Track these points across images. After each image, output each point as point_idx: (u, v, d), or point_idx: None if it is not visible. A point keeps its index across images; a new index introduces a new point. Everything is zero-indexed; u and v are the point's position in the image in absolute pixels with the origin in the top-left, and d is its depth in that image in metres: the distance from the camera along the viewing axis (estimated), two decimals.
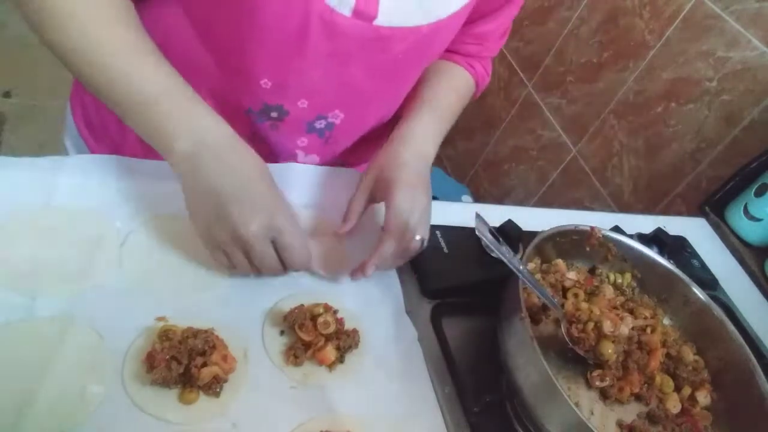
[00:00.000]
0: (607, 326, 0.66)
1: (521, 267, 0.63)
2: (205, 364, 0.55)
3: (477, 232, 0.65)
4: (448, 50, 0.83)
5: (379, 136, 0.87)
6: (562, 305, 0.70)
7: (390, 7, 0.65)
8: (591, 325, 0.67)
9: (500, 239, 0.65)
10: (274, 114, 0.76)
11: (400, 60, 0.73)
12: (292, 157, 0.83)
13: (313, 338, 0.61)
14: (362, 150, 0.89)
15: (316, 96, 0.75)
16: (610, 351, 0.65)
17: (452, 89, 0.85)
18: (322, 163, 0.86)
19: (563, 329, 0.67)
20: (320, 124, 0.80)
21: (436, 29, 0.71)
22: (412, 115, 0.78)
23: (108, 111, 0.64)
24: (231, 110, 0.77)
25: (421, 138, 0.76)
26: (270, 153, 0.81)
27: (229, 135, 0.62)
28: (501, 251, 0.63)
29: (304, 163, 0.84)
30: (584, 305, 0.70)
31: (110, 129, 0.82)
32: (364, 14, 0.65)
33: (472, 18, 0.79)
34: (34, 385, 0.51)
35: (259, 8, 0.63)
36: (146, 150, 0.72)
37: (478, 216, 0.67)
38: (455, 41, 0.80)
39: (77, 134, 0.86)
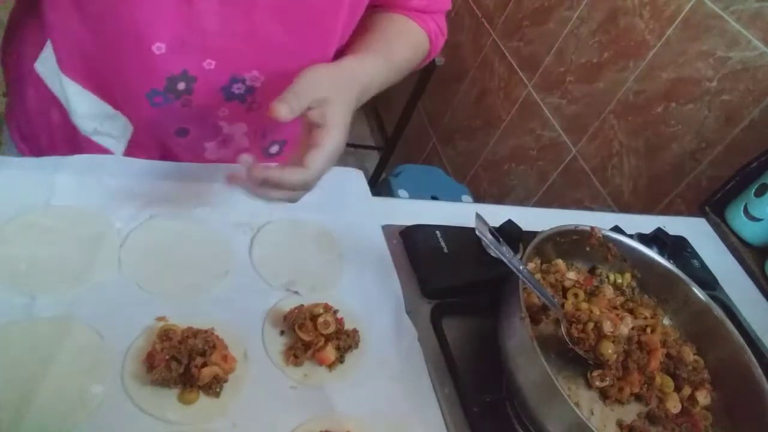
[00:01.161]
0: (607, 326, 0.66)
1: (521, 267, 0.63)
2: (205, 364, 0.55)
3: (477, 232, 0.65)
4: (393, 4, 0.78)
5: None
6: (562, 305, 0.70)
7: None
8: (591, 325, 0.67)
9: (500, 239, 0.65)
10: (181, 86, 0.69)
11: (318, 8, 0.67)
12: (217, 131, 0.77)
13: (313, 338, 0.61)
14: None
15: (222, 53, 0.68)
16: (610, 351, 0.65)
17: (404, 41, 0.79)
18: (251, 132, 0.79)
19: (563, 329, 0.67)
20: (239, 89, 0.73)
21: None
22: (360, 52, 0.71)
23: (39, 123, 0.61)
24: (132, 100, 0.72)
25: (364, 74, 0.69)
26: (192, 136, 0.76)
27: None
28: (501, 251, 0.63)
29: (230, 132, 0.77)
30: (584, 305, 0.70)
31: (41, 139, 0.80)
32: None
33: None
34: (34, 385, 0.51)
35: None
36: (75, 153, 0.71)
37: (478, 216, 0.67)
38: None
39: (15, 149, 0.84)
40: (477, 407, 0.64)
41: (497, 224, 0.81)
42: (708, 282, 0.94)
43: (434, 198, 1.79)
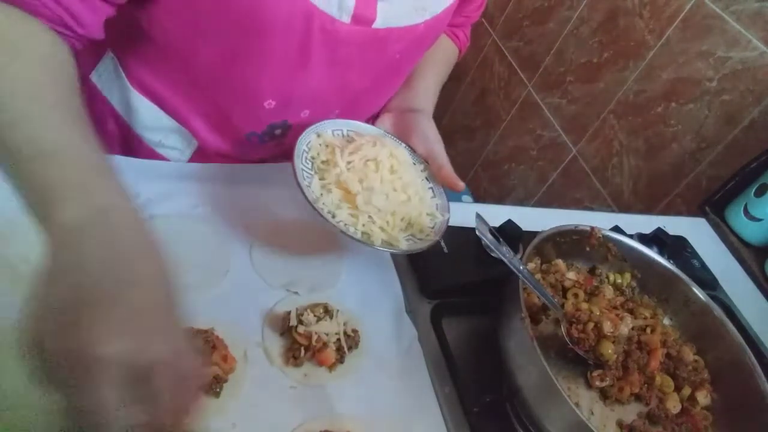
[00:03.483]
0: (607, 326, 0.66)
1: (521, 267, 0.63)
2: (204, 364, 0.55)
3: (477, 232, 0.65)
4: None
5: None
6: (562, 305, 0.70)
7: (387, 10, 0.66)
8: (591, 325, 0.67)
9: (500, 239, 0.65)
10: (278, 131, 0.77)
11: (396, 59, 0.74)
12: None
13: (312, 341, 0.61)
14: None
15: (317, 104, 0.75)
16: (610, 351, 0.65)
17: (442, 59, 0.92)
18: None
19: (563, 329, 0.66)
20: None
21: (431, 25, 0.72)
22: (416, 79, 0.86)
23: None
24: (230, 138, 0.78)
25: (425, 94, 0.86)
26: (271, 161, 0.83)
27: (132, 223, 0.46)
28: (501, 251, 0.63)
29: None
30: (584, 305, 0.70)
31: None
32: (362, 19, 0.65)
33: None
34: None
35: (263, 30, 0.63)
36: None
37: (478, 216, 0.67)
38: None
39: None
40: (477, 407, 0.64)
41: (497, 224, 0.81)
42: (708, 282, 0.94)
43: None
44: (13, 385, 0.52)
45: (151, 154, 0.80)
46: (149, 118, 0.77)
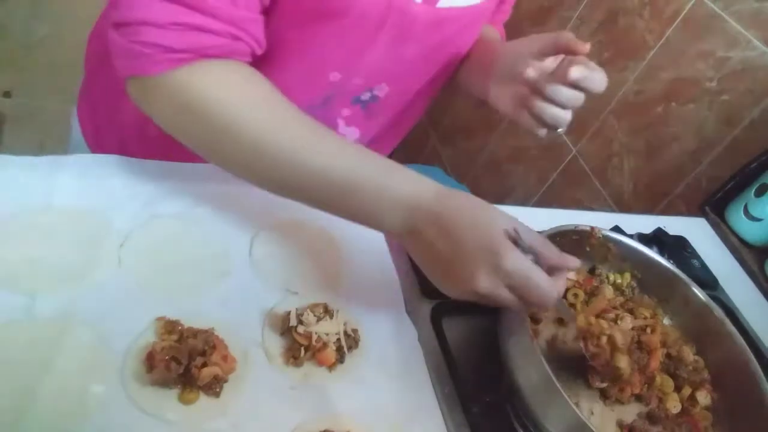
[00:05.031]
0: (620, 339, 0.66)
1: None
2: (205, 364, 0.55)
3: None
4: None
5: (409, 120, 0.91)
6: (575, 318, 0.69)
7: None
8: (605, 338, 0.67)
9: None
10: (328, 95, 0.77)
11: (450, 39, 0.76)
12: (333, 128, 0.82)
13: (312, 341, 0.61)
14: (393, 133, 0.91)
15: (371, 74, 0.76)
16: (624, 364, 0.65)
17: (497, 38, 0.91)
18: (360, 139, 0.87)
19: (582, 346, 0.66)
20: (365, 96, 0.81)
21: (488, 5, 0.75)
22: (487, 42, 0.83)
23: (132, 133, 0.64)
24: None
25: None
26: None
27: (431, 194, 0.58)
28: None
29: (343, 133, 0.84)
30: (593, 320, 0.70)
31: (129, 148, 0.81)
32: None
33: None
34: (34, 385, 0.51)
35: (346, 10, 0.64)
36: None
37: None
38: None
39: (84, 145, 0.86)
40: (477, 407, 0.64)
41: None
42: (708, 282, 0.94)
43: None
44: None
45: (165, 140, 0.80)
46: None
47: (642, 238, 0.91)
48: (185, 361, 0.54)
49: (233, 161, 0.62)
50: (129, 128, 0.80)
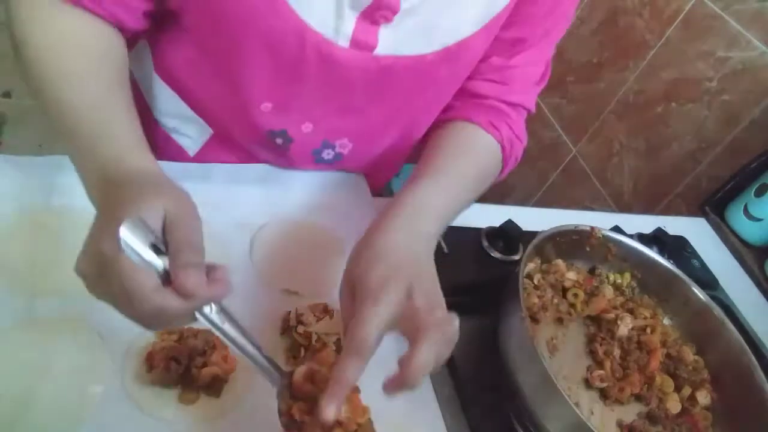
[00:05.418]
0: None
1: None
2: (205, 365, 0.55)
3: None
4: (470, 93, 0.76)
5: (394, 155, 0.86)
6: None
7: (390, 36, 0.63)
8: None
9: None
10: (279, 141, 0.75)
11: (408, 88, 0.70)
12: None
13: (311, 341, 0.61)
14: (373, 172, 0.88)
15: (320, 120, 0.73)
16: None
17: (470, 163, 0.70)
18: None
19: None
20: (328, 155, 0.79)
21: (444, 57, 0.67)
22: (413, 186, 0.62)
23: None
24: (230, 131, 0.78)
25: (421, 213, 0.59)
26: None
27: (135, 168, 0.51)
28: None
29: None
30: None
31: None
32: (362, 44, 0.63)
33: (497, 52, 0.73)
34: (34, 385, 0.51)
35: (253, 35, 0.62)
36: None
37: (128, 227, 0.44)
38: (475, 78, 0.75)
39: None
40: (477, 408, 0.64)
41: (497, 224, 0.81)
42: (708, 282, 0.94)
43: None
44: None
45: (165, 138, 0.81)
46: (166, 103, 0.78)
47: (642, 238, 0.91)
48: (185, 361, 0.55)
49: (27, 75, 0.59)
50: None
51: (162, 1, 0.65)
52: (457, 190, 0.65)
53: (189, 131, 0.80)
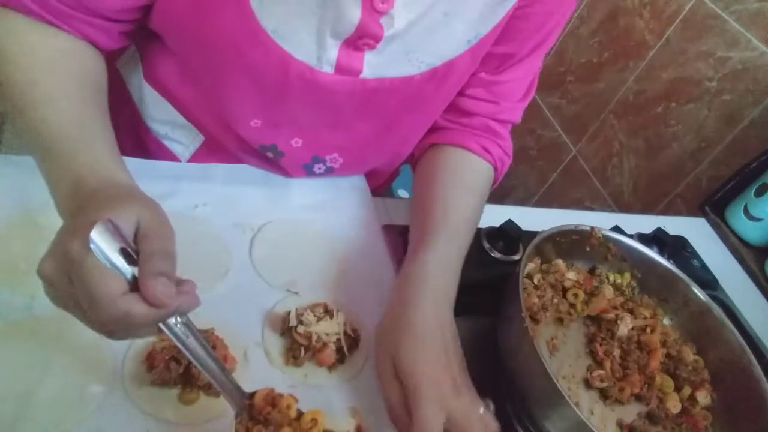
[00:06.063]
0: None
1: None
2: None
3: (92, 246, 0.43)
4: (460, 110, 0.77)
5: (385, 167, 0.86)
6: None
7: (375, 60, 0.63)
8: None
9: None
10: (269, 155, 0.75)
11: (396, 108, 0.71)
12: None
13: (311, 341, 0.61)
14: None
15: (310, 136, 0.73)
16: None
17: (469, 193, 0.73)
18: None
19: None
20: (319, 169, 0.79)
21: (430, 77, 0.67)
22: (422, 245, 0.64)
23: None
24: (220, 139, 0.77)
25: (438, 274, 0.62)
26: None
27: (105, 180, 0.51)
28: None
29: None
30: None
31: None
32: (347, 70, 0.63)
33: (487, 68, 0.74)
34: (34, 384, 0.51)
35: (239, 59, 0.62)
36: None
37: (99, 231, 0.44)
38: (465, 94, 0.76)
39: None
40: None
41: (497, 224, 0.81)
42: (708, 282, 0.94)
43: None
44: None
45: (157, 144, 0.80)
46: (157, 109, 0.78)
47: (642, 238, 0.91)
48: (185, 361, 0.54)
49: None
50: (123, 130, 0.81)
51: (141, 21, 0.65)
52: (468, 237, 0.69)
53: (180, 138, 0.79)
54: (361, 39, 0.61)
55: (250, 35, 0.59)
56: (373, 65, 0.64)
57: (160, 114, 0.78)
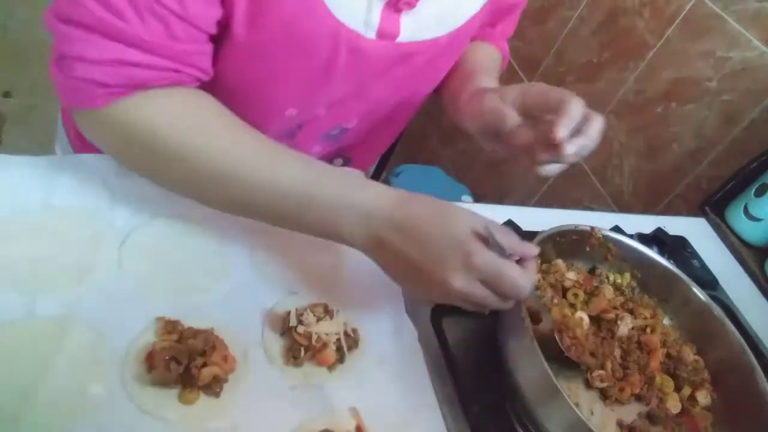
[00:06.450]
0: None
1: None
2: (205, 365, 0.55)
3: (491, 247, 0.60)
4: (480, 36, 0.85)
5: (382, 137, 0.88)
6: (549, 311, 0.70)
7: (410, 24, 0.66)
8: (579, 330, 0.67)
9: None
10: (293, 129, 0.77)
11: (419, 70, 0.74)
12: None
13: (311, 341, 0.61)
14: (365, 149, 0.89)
15: (335, 109, 0.75)
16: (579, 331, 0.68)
17: (491, 59, 0.85)
18: (325, 155, 0.87)
19: (557, 338, 0.66)
20: (335, 131, 0.81)
21: (453, 37, 0.71)
22: (474, 79, 0.77)
23: None
24: None
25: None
26: None
27: (390, 201, 0.57)
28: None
29: (309, 153, 0.83)
30: (568, 312, 0.70)
31: None
32: (387, 34, 0.65)
33: (489, 18, 0.80)
34: (34, 385, 0.51)
35: (292, 38, 0.62)
36: None
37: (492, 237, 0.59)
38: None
39: (68, 145, 0.86)
40: (477, 407, 0.64)
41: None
42: (708, 282, 0.94)
43: None
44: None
45: None
46: None
47: (642, 238, 0.91)
48: (185, 361, 0.54)
49: (187, 186, 0.62)
50: None
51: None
52: (497, 73, 0.82)
53: None
54: None
55: (307, 9, 0.60)
56: (410, 28, 0.66)
57: None
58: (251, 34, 0.62)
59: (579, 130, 0.60)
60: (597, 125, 0.61)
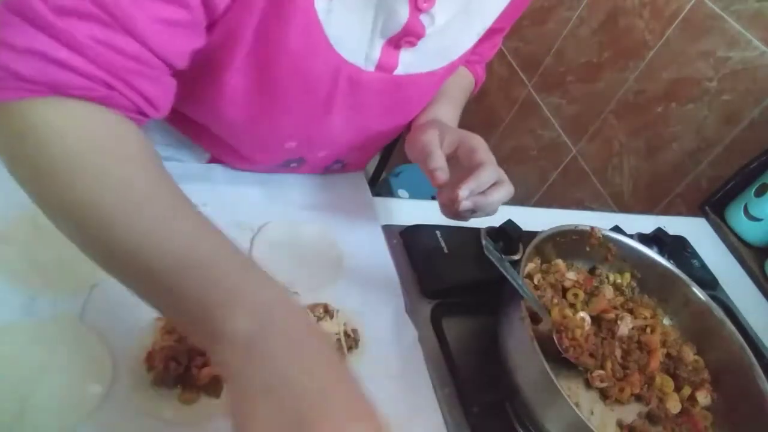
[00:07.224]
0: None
1: (521, 282, 0.63)
2: (205, 364, 0.55)
3: (485, 252, 0.65)
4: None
5: (377, 144, 0.88)
6: (550, 312, 0.70)
7: (409, 57, 0.66)
8: (579, 331, 0.67)
9: (503, 256, 0.66)
10: (293, 165, 0.79)
11: (413, 98, 0.75)
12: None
13: None
14: (360, 157, 0.89)
15: (335, 145, 0.77)
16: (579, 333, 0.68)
17: (459, 86, 0.87)
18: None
19: (555, 339, 0.66)
20: (336, 166, 0.84)
21: (448, 69, 0.73)
22: (434, 105, 0.80)
23: None
24: (241, 162, 0.79)
25: (446, 110, 0.80)
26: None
27: (299, 311, 0.47)
28: (504, 267, 0.63)
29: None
30: (568, 313, 0.70)
31: None
32: (385, 67, 0.66)
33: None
34: (33, 384, 0.51)
35: (295, 73, 0.63)
36: None
37: (486, 237, 0.67)
38: None
39: None
40: (477, 407, 0.64)
41: (497, 224, 0.81)
42: (708, 282, 0.94)
43: (434, 198, 1.79)
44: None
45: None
46: (160, 136, 0.77)
47: (642, 238, 0.91)
48: (185, 361, 0.55)
49: (61, 210, 0.49)
50: None
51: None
52: (457, 106, 0.84)
53: (184, 156, 0.80)
54: (404, 37, 0.63)
55: (312, 46, 0.60)
56: (407, 62, 0.67)
57: (162, 138, 0.78)
58: (255, 71, 0.62)
59: (484, 192, 0.65)
60: (500, 194, 0.66)
